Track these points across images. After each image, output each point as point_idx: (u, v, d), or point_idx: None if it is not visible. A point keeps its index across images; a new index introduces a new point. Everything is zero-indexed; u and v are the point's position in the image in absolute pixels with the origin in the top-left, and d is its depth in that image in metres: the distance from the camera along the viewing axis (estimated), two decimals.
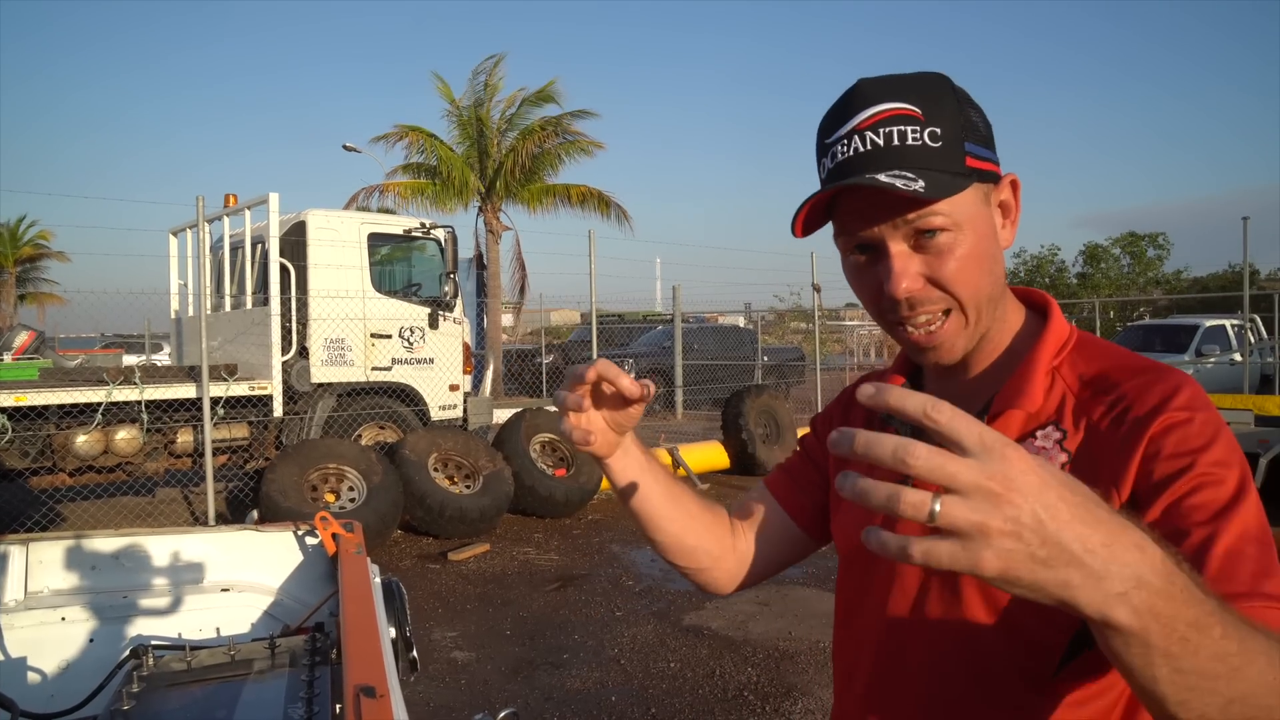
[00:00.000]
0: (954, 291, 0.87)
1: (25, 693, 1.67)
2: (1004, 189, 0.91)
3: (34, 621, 1.81)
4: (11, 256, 32.46)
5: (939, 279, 0.87)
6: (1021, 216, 0.96)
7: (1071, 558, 0.52)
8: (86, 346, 18.26)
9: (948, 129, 0.85)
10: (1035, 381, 0.89)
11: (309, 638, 1.65)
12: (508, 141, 16.29)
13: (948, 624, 0.89)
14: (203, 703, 1.43)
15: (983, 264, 0.88)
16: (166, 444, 7.05)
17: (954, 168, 0.85)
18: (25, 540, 1.91)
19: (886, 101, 0.86)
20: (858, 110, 0.86)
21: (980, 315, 0.90)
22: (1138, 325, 17.19)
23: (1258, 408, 7.86)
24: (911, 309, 0.88)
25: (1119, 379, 0.87)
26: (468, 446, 7.58)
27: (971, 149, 0.86)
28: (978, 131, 0.88)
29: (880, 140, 0.85)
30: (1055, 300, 0.99)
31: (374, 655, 1.18)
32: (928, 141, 0.84)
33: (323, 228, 7.78)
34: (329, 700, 1.37)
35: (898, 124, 0.85)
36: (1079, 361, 0.91)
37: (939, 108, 0.86)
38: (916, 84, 0.87)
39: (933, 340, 0.90)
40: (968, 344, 0.91)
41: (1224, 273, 28.49)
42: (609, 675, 4.38)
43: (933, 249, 0.86)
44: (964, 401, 0.91)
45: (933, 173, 0.83)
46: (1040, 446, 0.86)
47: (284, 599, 1.96)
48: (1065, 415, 0.87)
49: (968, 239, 0.86)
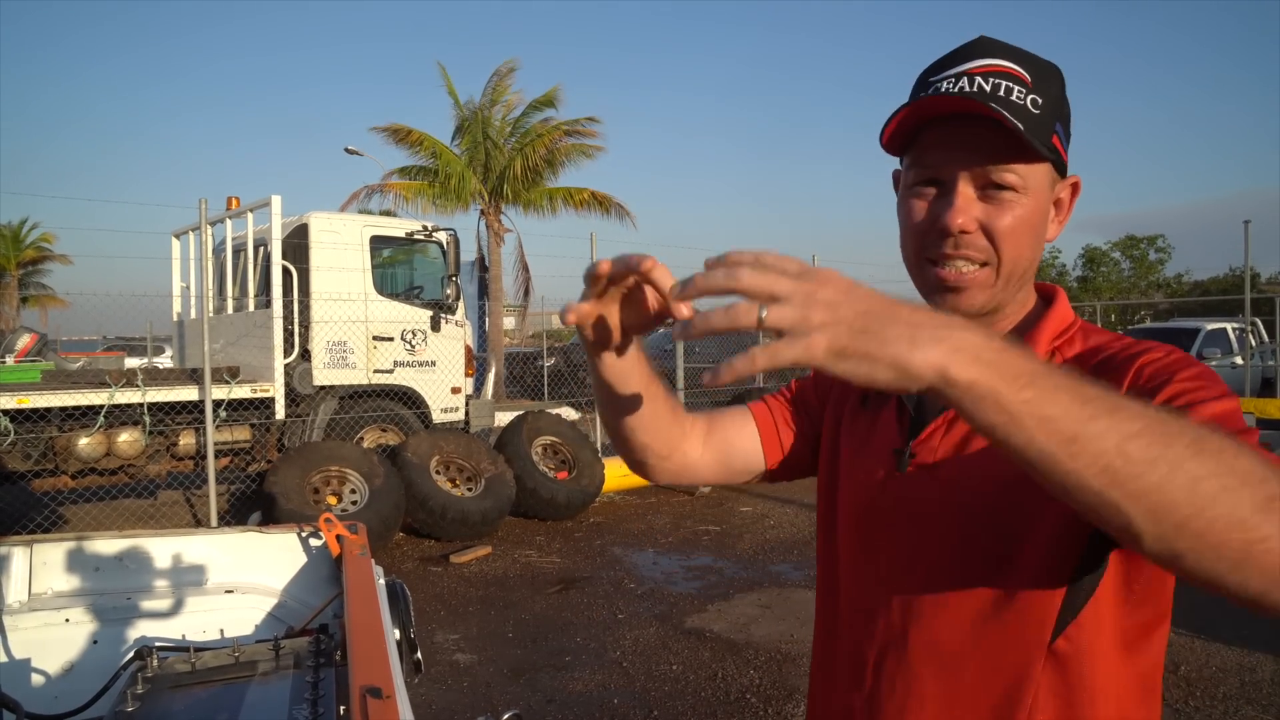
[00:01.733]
0: (1000, 247, 0.90)
1: (29, 694, 1.67)
2: (1066, 186, 0.95)
3: (38, 623, 1.81)
4: (14, 259, 32.50)
5: (992, 230, 0.89)
6: None
7: (889, 319, 0.58)
8: (88, 349, 18.27)
9: (1048, 103, 0.88)
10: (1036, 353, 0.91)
11: (313, 639, 1.65)
12: (511, 146, 16.30)
13: (947, 593, 0.91)
14: (207, 704, 1.43)
15: (1032, 235, 0.91)
16: (169, 446, 7.06)
17: (1043, 138, 0.87)
18: (29, 542, 1.91)
19: (1004, 59, 0.89)
20: (974, 57, 0.90)
21: (1010, 281, 0.92)
22: (1139, 329, 17.18)
23: (1259, 411, 7.86)
24: (956, 248, 0.90)
25: (1113, 350, 0.91)
26: (469, 449, 7.58)
27: (1060, 131, 0.90)
28: (1068, 124, 0.92)
29: (988, 87, 0.87)
30: (1063, 291, 1.02)
31: (380, 656, 1.18)
32: (1029, 105, 0.87)
33: (325, 230, 7.79)
34: (334, 702, 1.37)
35: (1008, 80, 0.88)
36: (1080, 345, 0.95)
37: (1046, 83, 0.89)
38: (1033, 58, 0.91)
39: (961, 281, 0.91)
40: (986, 303, 0.93)
41: (1225, 276, 28.50)
42: (611, 678, 4.38)
43: (996, 201, 0.89)
44: None
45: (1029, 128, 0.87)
46: None
47: (287, 601, 1.96)
48: None
49: (1029, 206, 0.89)
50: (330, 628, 1.71)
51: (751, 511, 8.27)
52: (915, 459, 0.96)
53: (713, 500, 8.80)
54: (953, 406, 0.61)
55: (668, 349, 16.00)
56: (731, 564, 6.48)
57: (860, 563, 1.02)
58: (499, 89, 16.49)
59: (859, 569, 1.02)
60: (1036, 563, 0.86)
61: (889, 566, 0.97)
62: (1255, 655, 4.43)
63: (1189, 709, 3.87)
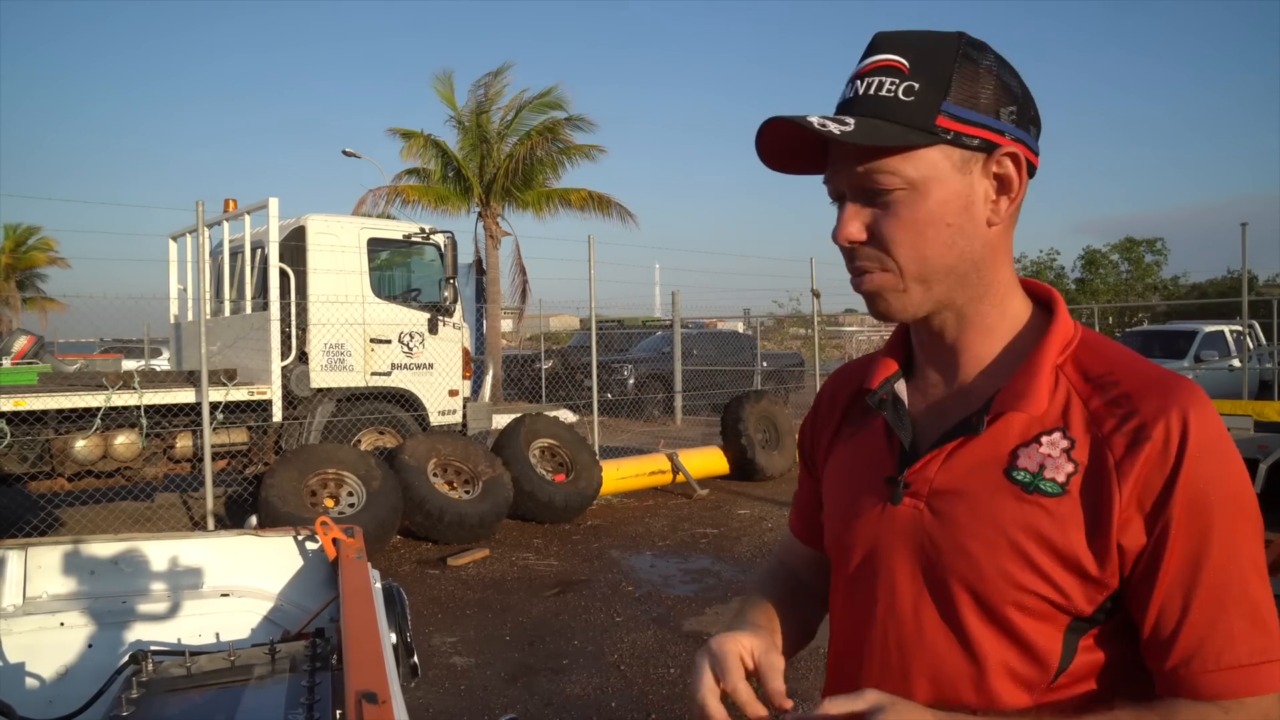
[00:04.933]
0: (891, 253, 0.86)
1: (23, 698, 1.66)
2: (999, 160, 0.85)
3: (32, 627, 1.80)
4: (15, 264, 32.51)
5: (878, 234, 0.86)
6: (1020, 221, 0.91)
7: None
8: (85, 351, 18.24)
9: (927, 86, 0.83)
10: (1040, 382, 0.86)
11: (309, 643, 1.64)
12: (507, 147, 16.29)
13: (946, 635, 0.88)
14: (202, 708, 1.42)
15: (937, 232, 0.85)
16: (165, 449, 7.04)
17: (919, 124, 0.82)
18: (24, 545, 1.90)
19: (884, 53, 0.86)
20: (864, 58, 0.88)
21: (930, 286, 0.87)
22: (1137, 331, 17.19)
23: (1257, 413, 7.87)
24: (854, 260, 0.89)
25: (1129, 389, 0.84)
26: (467, 452, 7.57)
27: (952, 110, 0.83)
28: (975, 96, 0.84)
29: (863, 88, 0.85)
30: (1060, 295, 0.95)
31: (375, 661, 1.18)
32: (900, 95, 0.83)
33: (322, 233, 7.78)
34: (330, 706, 1.36)
35: (880, 75, 0.85)
36: (1084, 360, 0.88)
37: (929, 64, 0.84)
38: (921, 40, 0.86)
39: (865, 287, 0.89)
40: (905, 307, 0.89)
41: (1222, 279, 28.53)
42: (609, 681, 4.37)
43: (882, 204, 0.86)
44: (960, 399, 0.91)
45: (889, 124, 0.83)
46: (1046, 454, 0.84)
47: (284, 604, 1.95)
48: (1073, 422, 0.84)
49: (923, 203, 0.84)
50: (327, 631, 1.70)
51: (749, 514, 8.26)
52: (909, 489, 0.91)
53: (710, 503, 8.79)
54: None
55: (666, 351, 15.99)
56: (730, 567, 6.47)
57: (855, 591, 0.97)
58: (492, 87, 16.47)
59: (852, 597, 0.98)
60: (1031, 618, 0.84)
61: (884, 600, 0.93)
62: None
63: None
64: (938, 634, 0.88)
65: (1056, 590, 0.82)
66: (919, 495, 0.90)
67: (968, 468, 0.87)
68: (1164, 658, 0.80)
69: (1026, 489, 0.83)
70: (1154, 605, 0.80)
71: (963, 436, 0.88)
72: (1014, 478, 0.84)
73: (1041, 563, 0.82)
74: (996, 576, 0.84)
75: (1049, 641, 0.84)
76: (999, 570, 0.84)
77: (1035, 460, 0.84)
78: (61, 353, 15.80)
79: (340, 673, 1.50)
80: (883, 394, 0.96)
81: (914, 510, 0.90)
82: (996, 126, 0.85)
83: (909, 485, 0.91)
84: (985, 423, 0.86)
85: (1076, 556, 0.81)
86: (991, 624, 0.85)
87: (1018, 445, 0.85)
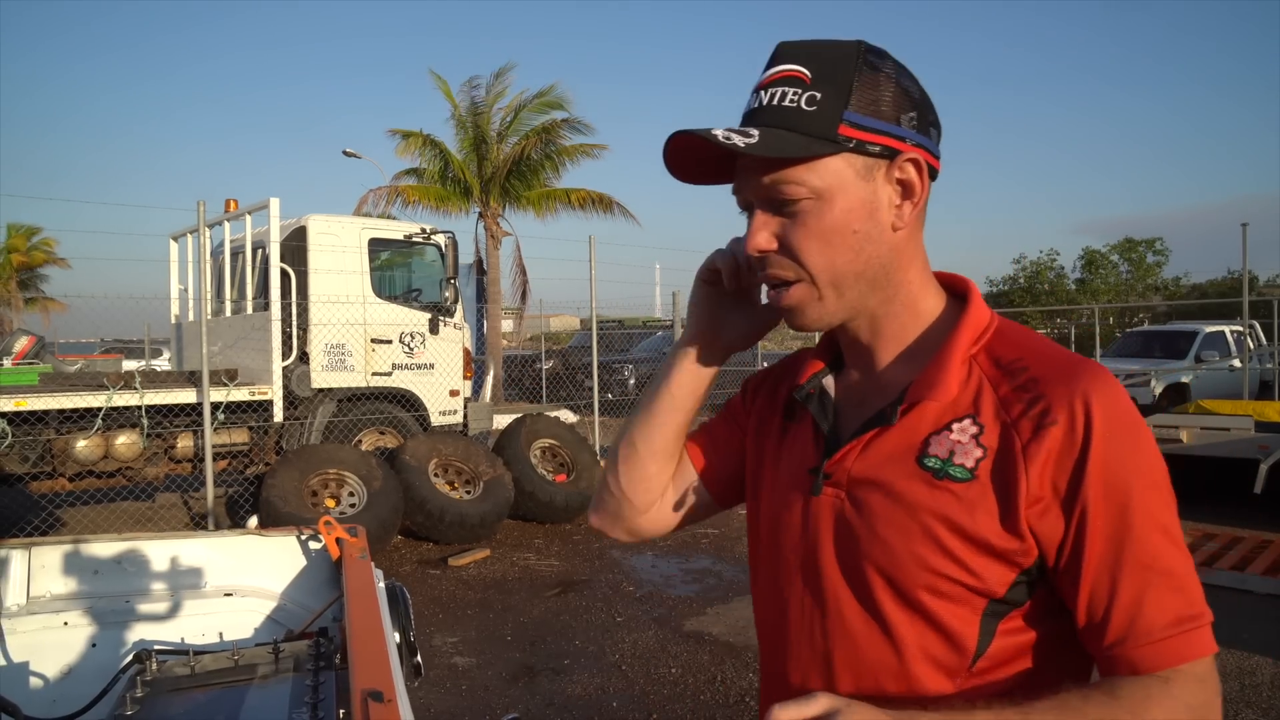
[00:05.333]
0: (801, 261, 0.88)
1: (27, 697, 1.66)
2: (902, 165, 0.87)
3: (36, 626, 1.80)
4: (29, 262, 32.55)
5: (787, 244, 0.88)
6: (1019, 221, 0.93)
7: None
8: (86, 351, 18.25)
9: (828, 95, 0.84)
10: (950, 371, 0.88)
11: (313, 643, 1.64)
12: (507, 148, 16.29)
13: (866, 622, 0.90)
14: (206, 708, 1.43)
15: (844, 239, 0.86)
16: (166, 449, 7.04)
17: (821, 133, 0.84)
18: (28, 545, 1.90)
19: (786, 63, 0.87)
20: (766, 69, 0.88)
21: (843, 292, 0.89)
22: (1137, 331, 17.19)
23: (1258, 414, 7.86)
24: (764, 269, 0.90)
25: (1037, 374, 0.86)
26: (468, 452, 7.57)
27: (854, 118, 0.84)
28: (876, 103, 0.85)
29: (765, 99, 0.86)
30: (975, 285, 0.96)
31: (381, 660, 1.18)
32: (803, 105, 0.84)
33: (323, 233, 7.78)
34: (334, 705, 1.36)
35: (783, 85, 0.86)
36: (997, 348, 0.90)
37: (831, 74, 0.85)
38: (822, 49, 0.87)
39: (782, 302, 0.91)
40: (829, 318, 0.91)
41: (1223, 279, 28.54)
42: (610, 681, 4.37)
43: (789, 213, 0.87)
44: (879, 392, 0.94)
45: (793, 135, 0.84)
46: (956, 441, 0.86)
47: (287, 604, 1.96)
48: (983, 408, 0.86)
49: (829, 211, 0.86)
50: (330, 631, 1.70)
51: None
52: (829, 480, 0.93)
53: None
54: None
55: (666, 351, 15.98)
56: (730, 567, 6.47)
57: (780, 583, 0.99)
58: (492, 88, 16.47)
59: (779, 589, 0.99)
60: (946, 602, 0.85)
61: (807, 589, 0.94)
62: (1255, 659, 4.43)
63: None
64: (858, 621, 0.90)
65: (968, 573, 0.84)
66: (839, 485, 0.92)
67: (883, 457, 0.89)
68: (1100, 639, 0.82)
69: (936, 475, 0.86)
70: (1083, 589, 0.82)
71: (878, 427, 0.90)
72: (925, 465, 0.87)
73: (952, 546, 0.84)
74: (910, 562, 0.86)
75: (965, 625, 0.85)
76: (912, 555, 0.85)
77: (945, 447, 0.86)
78: (62, 353, 15.82)
79: (344, 672, 1.50)
80: (810, 389, 0.99)
81: (835, 500, 0.92)
82: (898, 133, 0.86)
83: (829, 476, 0.93)
84: (899, 413, 0.89)
85: (986, 539, 0.83)
86: (907, 609, 0.87)
87: (930, 433, 0.88)
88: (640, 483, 1.08)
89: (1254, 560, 5.89)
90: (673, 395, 1.05)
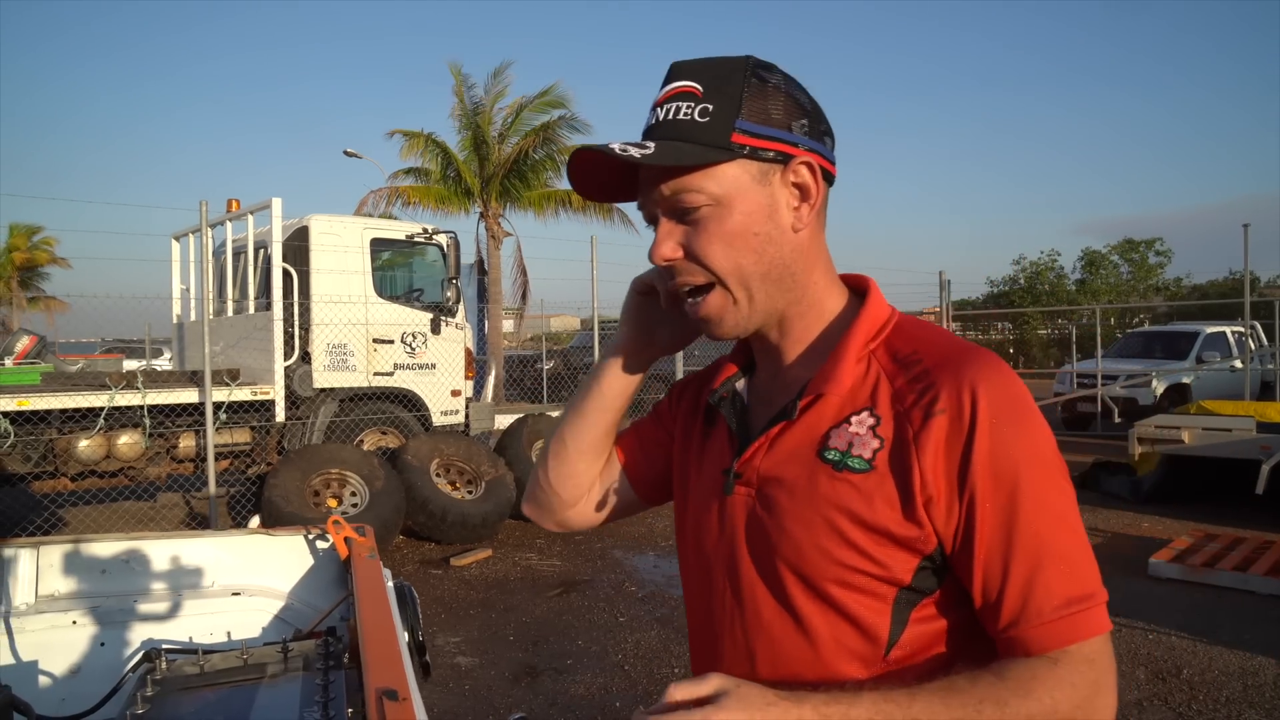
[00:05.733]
0: (709, 265, 0.90)
1: (36, 696, 1.66)
2: (795, 169, 0.91)
3: (44, 625, 1.81)
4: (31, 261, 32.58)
5: (693, 251, 0.90)
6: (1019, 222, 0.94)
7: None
8: (86, 351, 18.26)
9: (720, 106, 0.88)
10: (846, 366, 0.91)
11: (321, 642, 1.64)
12: (508, 148, 16.29)
13: (781, 616, 0.91)
14: (217, 706, 1.43)
15: (746, 241, 0.89)
16: (169, 449, 7.04)
17: (715, 142, 0.87)
18: (36, 544, 1.90)
19: (679, 80, 0.90)
20: (662, 87, 0.92)
21: (752, 294, 0.92)
22: (1138, 332, 17.19)
23: (1260, 414, 7.86)
24: (675, 277, 0.92)
25: (929, 365, 0.88)
26: (470, 452, 7.57)
27: (746, 126, 0.88)
28: (762, 113, 0.89)
29: (661, 115, 0.90)
30: (875, 282, 0.99)
31: (394, 658, 1.18)
32: (696, 117, 0.88)
33: (325, 233, 7.78)
34: (344, 704, 1.36)
35: (678, 100, 0.89)
36: (895, 343, 0.92)
37: (721, 86, 0.88)
38: (712, 65, 0.90)
39: (697, 313, 0.93)
40: (745, 322, 0.94)
41: (1224, 280, 28.54)
42: (613, 681, 4.37)
43: (693, 220, 0.89)
44: (784, 389, 0.97)
45: (688, 145, 0.87)
46: (854, 433, 0.88)
47: (294, 603, 1.96)
48: (880, 400, 0.89)
49: (730, 216, 0.88)
50: (338, 630, 1.70)
51: None
52: (740, 479, 0.95)
53: None
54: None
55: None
56: None
57: (705, 583, 1.01)
58: (492, 87, 16.47)
59: (704, 589, 1.01)
60: (855, 593, 0.87)
61: (728, 588, 0.96)
62: (1257, 659, 4.43)
63: (1191, 713, 3.87)
64: (774, 616, 0.92)
65: (872, 562, 0.85)
66: (750, 484, 0.94)
67: (787, 453, 0.92)
68: (995, 622, 0.84)
69: (836, 467, 0.88)
70: (977, 573, 0.83)
71: (781, 423, 0.93)
72: (825, 458, 0.89)
73: (855, 538, 0.85)
74: (816, 555, 0.87)
75: (876, 615, 0.87)
76: (818, 548, 0.87)
77: (844, 439, 0.88)
78: (63, 353, 15.81)
79: (353, 671, 1.51)
80: (723, 393, 1.02)
81: (746, 499, 0.95)
82: (789, 139, 0.90)
83: (740, 475, 0.95)
84: (799, 408, 0.91)
85: (886, 528, 0.85)
86: (819, 601, 0.88)
87: (830, 427, 0.90)
88: (568, 478, 1.13)
89: (1256, 561, 5.89)
90: (602, 395, 1.10)
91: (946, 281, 13.14)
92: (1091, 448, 10.91)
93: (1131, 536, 7.07)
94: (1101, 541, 6.94)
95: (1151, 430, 8.12)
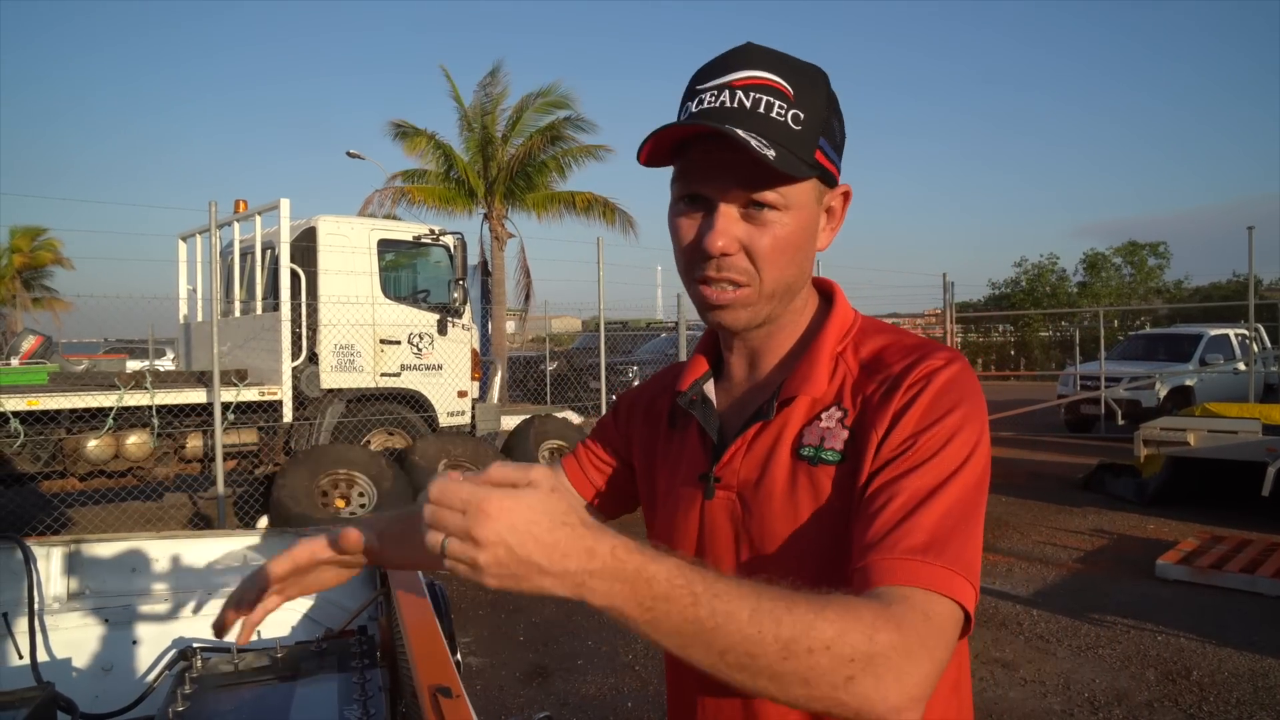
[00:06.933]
0: (761, 267, 0.90)
1: (72, 693, 1.67)
2: (836, 196, 0.95)
3: (76, 623, 1.82)
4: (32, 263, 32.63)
5: (753, 251, 0.89)
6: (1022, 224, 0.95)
7: (538, 569, 0.67)
8: (90, 351, 18.27)
9: (810, 118, 0.88)
10: (819, 369, 0.94)
11: (353, 640, 1.66)
12: (512, 149, 16.30)
13: None
14: (256, 704, 1.44)
15: (796, 253, 0.91)
16: (177, 449, 7.06)
17: (805, 155, 0.87)
18: (67, 542, 1.91)
19: (766, 71, 0.87)
20: (737, 68, 0.88)
21: (775, 299, 0.93)
22: (1141, 334, 17.19)
23: (1265, 417, 7.88)
24: (719, 270, 0.90)
25: (890, 359, 0.92)
26: (477, 453, 7.59)
27: (824, 146, 0.89)
28: (833, 134, 0.91)
29: (749, 103, 0.86)
30: (840, 287, 1.01)
31: (441, 655, 1.19)
32: (790, 122, 0.86)
33: (333, 234, 7.80)
34: (383, 702, 1.37)
35: (768, 94, 0.86)
36: (861, 346, 0.96)
37: (809, 96, 0.88)
38: (797, 67, 0.89)
39: (723, 299, 0.91)
40: (751, 319, 0.94)
41: (1227, 282, 28.54)
42: (624, 681, 4.38)
43: (758, 221, 0.88)
44: (759, 391, 0.99)
45: (786, 151, 0.85)
46: (825, 428, 0.90)
47: (323, 603, 1.97)
48: (845, 396, 0.92)
49: (791, 225, 0.89)
50: (369, 629, 1.72)
51: None
52: (720, 483, 0.96)
53: None
54: None
55: (670, 353, 15.98)
56: None
57: None
58: (494, 88, 16.47)
59: None
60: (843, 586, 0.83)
61: None
62: (1267, 661, 4.44)
63: (1202, 714, 3.88)
64: None
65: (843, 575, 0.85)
66: (730, 487, 0.95)
67: (765, 453, 0.93)
68: (856, 546, 0.82)
69: (812, 462, 0.90)
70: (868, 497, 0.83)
71: (758, 424, 0.94)
72: (801, 454, 0.91)
73: (839, 530, 0.86)
74: (803, 552, 0.89)
75: None
76: (804, 545, 0.89)
77: (817, 435, 0.91)
78: (67, 353, 15.82)
79: (385, 670, 1.52)
80: (693, 395, 1.03)
81: (728, 502, 0.95)
82: (838, 162, 0.93)
83: (719, 479, 0.96)
84: (775, 409, 0.93)
85: None
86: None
87: (803, 425, 0.92)
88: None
89: (1264, 563, 5.90)
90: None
91: (950, 284, 13.17)
92: (1095, 450, 10.92)
93: (1138, 538, 7.08)
94: (1108, 543, 6.96)
95: (1157, 433, 8.13)
